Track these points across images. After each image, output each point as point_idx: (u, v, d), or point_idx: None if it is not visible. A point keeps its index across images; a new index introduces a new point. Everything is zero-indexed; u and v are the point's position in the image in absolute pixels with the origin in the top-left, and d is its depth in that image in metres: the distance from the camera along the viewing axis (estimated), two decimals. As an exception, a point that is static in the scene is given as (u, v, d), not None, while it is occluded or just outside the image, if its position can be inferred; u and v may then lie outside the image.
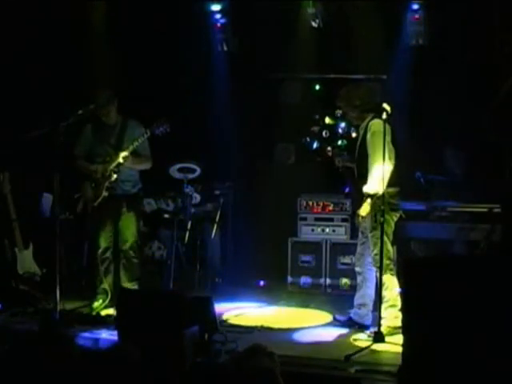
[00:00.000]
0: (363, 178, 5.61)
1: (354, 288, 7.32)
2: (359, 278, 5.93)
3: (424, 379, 4.12)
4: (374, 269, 5.70)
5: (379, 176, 5.41)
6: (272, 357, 3.33)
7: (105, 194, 6.39)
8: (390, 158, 5.50)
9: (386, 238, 5.54)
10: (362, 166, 5.67)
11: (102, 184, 6.39)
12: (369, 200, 5.49)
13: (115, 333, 5.21)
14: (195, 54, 8.21)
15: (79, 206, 6.74)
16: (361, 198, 5.58)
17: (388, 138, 5.51)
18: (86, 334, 5.40)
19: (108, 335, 5.40)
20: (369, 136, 5.65)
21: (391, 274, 5.62)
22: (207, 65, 8.30)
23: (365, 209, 5.52)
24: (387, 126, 5.54)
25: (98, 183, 6.42)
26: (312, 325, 6.04)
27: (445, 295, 4.09)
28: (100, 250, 6.54)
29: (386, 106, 5.46)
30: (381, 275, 5.41)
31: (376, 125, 5.63)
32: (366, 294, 5.86)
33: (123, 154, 6.29)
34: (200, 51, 8.25)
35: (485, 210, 6.33)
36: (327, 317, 6.27)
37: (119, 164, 6.34)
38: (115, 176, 6.38)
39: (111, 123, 6.48)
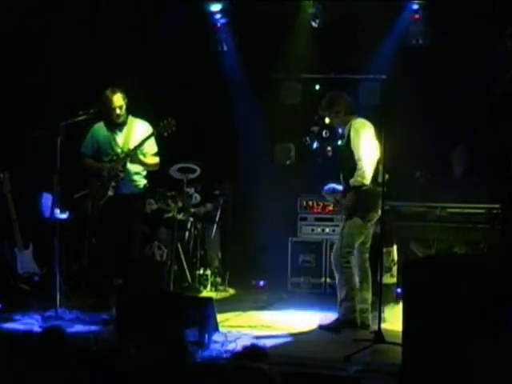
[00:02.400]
0: (350, 176, 5.84)
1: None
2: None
3: (424, 379, 4.12)
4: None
5: (365, 169, 5.73)
6: (266, 358, 3.33)
7: (110, 193, 6.41)
8: (371, 152, 5.78)
9: (355, 231, 5.82)
10: (349, 164, 5.86)
11: (108, 183, 6.40)
12: (353, 192, 5.80)
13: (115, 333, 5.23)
14: (195, 54, 8.21)
15: (86, 203, 6.76)
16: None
17: (371, 134, 5.83)
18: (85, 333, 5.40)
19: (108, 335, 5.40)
20: (352, 134, 5.89)
21: (347, 268, 5.84)
22: (207, 65, 8.29)
23: (349, 198, 5.84)
24: (369, 124, 5.87)
25: (104, 182, 6.43)
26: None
27: (444, 295, 4.09)
28: (104, 250, 6.55)
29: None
30: (381, 275, 5.42)
31: (358, 123, 5.92)
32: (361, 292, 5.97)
33: (130, 151, 6.31)
34: (200, 51, 8.25)
35: (484, 210, 6.32)
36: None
37: (126, 163, 6.36)
38: (122, 175, 6.39)
39: (120, 122, 6.49)
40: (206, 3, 8.11)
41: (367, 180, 5.76)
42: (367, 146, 5.79)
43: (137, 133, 6.46)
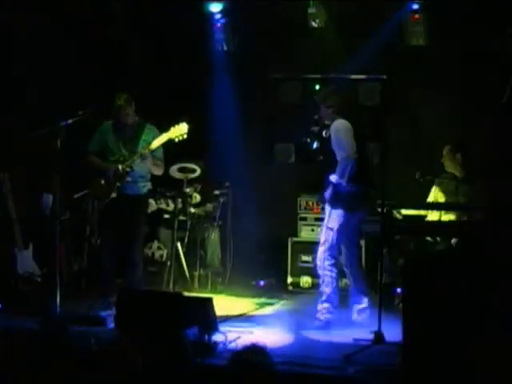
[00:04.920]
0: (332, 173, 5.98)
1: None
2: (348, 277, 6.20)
3: (424, 379, 4.12)
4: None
5: (344, 168, 5.84)
6: (267, 357, 3.33)
7: (114, 194, 6.42)
8: (353, 152, 5.87)
9: (334, 236, 5.93)
10: (331, 163, 5.96)
11: (113, 183, 6.42)
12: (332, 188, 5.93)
13: (115, 333, 5.23)
14: (195, 54, 8.21)
15: (86, 203, 6.77)
16: None
17: (351, 134, 5.90)
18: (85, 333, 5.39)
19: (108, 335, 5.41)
20: (333, 134, 6.00)
21: (330, 271, 5.98)
22: (207, 65, 8.29)
23: (329, 192, 5.97)
24: (351, 127, 5.93)
25: (109, 182, 6.44)
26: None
27: (444, 295, 4.09)
28: (105, 250, 6.56)
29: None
30: (381, 275, 5.43)
31: (339, 123, 6.01)
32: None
33: (144, 150, 6.33)
34: (200, 51, 8.24)
35: (484, 210, 6.31)
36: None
37: (134, 163, 6.38)
38: (127, 176, 6.41)
39: (128, 124, 6.52)
40: (206, 3, 8.10)
41: (345, 179, 5.86)
42: (347, 146, 5.87)
43: (145, 136, 6.50)
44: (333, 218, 5.96)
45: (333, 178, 5.94)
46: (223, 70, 8.33)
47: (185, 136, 6.39)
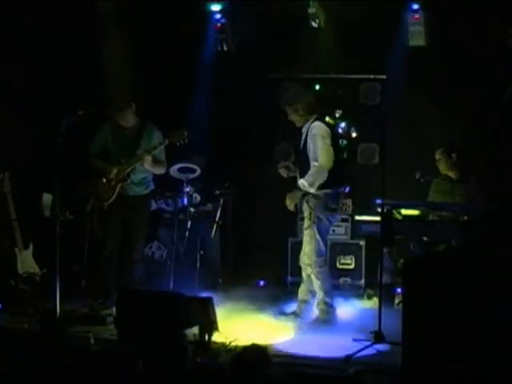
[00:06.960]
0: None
1: (353, 287, 7.36)
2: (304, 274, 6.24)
3: (424, 379, 4.12)
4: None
5: (315, 177, 5.83)
6: (267, 357, 3.33)
7: (115, 196, 6.42)
8: (328, 161, 5.83)
9: (318, 237, 5.95)
10: (305, 167, 5.93)
11: (114, 185, 6.42)
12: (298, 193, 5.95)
13: (115, 333, 5.24)
14: (195, 54, 8.21)
15: (90, 202, 6.78)
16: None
17: (328, 141, 5.86)
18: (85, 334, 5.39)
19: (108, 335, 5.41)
20: (309, 139, 5.92)
21: (321, 272, 6.03)
22: (207, 65, 8.29)
23: (290, 196, 6.03)
24: (328, 129, 5.91)
25: (110, 183, 6.44)
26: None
27: (444, 295, 4.09)
28: (107, 250, 6.57)
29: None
30: (381, 275, 5.43)
31: (317, 127, 5.93)
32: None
33: (145, 155, 6.32)
34: (200, 51, 8.25)
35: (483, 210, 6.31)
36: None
37: (135, 166, 6.38)
38: (129, 179, 6.41)
39: (128, 126, 6.52)
40: (206, 3, 8.10)
41: (314, 189, 5.87)
42: (323, 154, 5.84)
43: (146, 137, 6.50)
44: (315, 217, 5.95)
45: (301, 183, 5.91)
46: (223, 70, 8.33)
47: (186, 140, 6.41)
